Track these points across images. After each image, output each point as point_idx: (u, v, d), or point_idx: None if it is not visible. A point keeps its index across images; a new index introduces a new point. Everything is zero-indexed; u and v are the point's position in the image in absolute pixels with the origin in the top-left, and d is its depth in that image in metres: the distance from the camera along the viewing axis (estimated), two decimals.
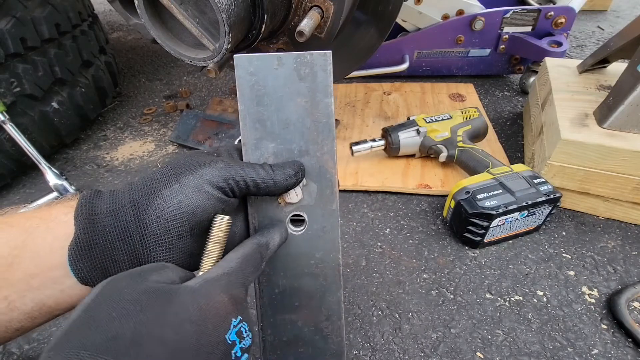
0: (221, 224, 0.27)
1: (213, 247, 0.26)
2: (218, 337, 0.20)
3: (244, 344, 0.22)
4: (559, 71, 0.76)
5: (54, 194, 0.72)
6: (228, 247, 0.33)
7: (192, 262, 0.28)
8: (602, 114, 0.60)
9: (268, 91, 0.30)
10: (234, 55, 0.30)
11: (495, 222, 0.55)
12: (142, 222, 0.25)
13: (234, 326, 0.21)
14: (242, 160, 0.31)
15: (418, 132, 0.72)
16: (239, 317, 0.22)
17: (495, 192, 0.56)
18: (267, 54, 0.30)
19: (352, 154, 0.73)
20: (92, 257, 0.25)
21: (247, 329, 0.23)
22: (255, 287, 0.34)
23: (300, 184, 0.31)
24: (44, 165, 0.72)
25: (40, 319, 0.26)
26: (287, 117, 0.31)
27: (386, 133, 0.73)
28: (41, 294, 0.25)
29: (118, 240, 0.25)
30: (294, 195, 0.31)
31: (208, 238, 0.27)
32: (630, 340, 0.47)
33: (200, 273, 0.25)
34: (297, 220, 0.33)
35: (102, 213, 0.25)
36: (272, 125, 0.31)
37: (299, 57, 0.30)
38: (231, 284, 0.23)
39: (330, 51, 0.30)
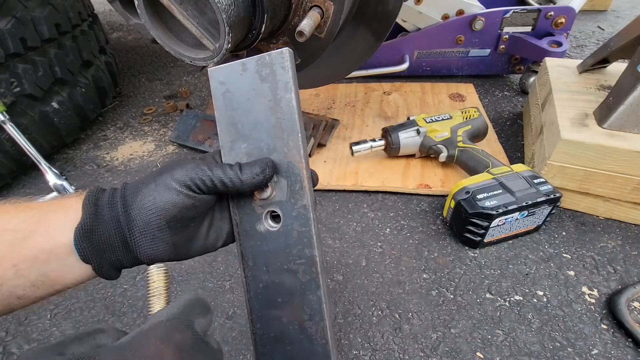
0: (152, 275, 0.30)
1: (153, 300, 0.29)
2: None
3: None
4: (559, 71, 0.76)
5: (54, 194, 0.72)
6: (217, 244, 0.35)
7: (177, 253, 0.31)
8: (602, 114, 0.60)
9: (236, 96, 0.33)
10: (208, 69, 0.32)
11: (495, 222, 0.55)
12: (129, 215, 0.29)
13: None
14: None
15: (418, 132, 0.72)
16: None
17: (495, 192, 0.56)
18: (233, 62, 0.32)
19: (352, 154, 0.73)
20: (93, 239, 0.28)
21: None
22: (242, 281, 0.35)
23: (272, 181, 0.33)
24: (44, 165, 0.72)
25: (42, 290, 0.29)
26: (255, 118, 0.32)
27: (386, 133, 0.73)
28: (47, 266, 0.28)
29: (113, 228, 0.29)
30: (265, 192, 0.33)
31: (147, 292, 0.29)
32: (630, 340, 0.47)
33: None
34: (275, 216, 0.34)
35: (103, 205, 0.30)
36: (243, 127, 0.33)
37: (260, 60, 0.31)
38: (173, 329, 0.22)
39: (287, 49, 0.31)
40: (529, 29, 0.95)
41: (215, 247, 0.35)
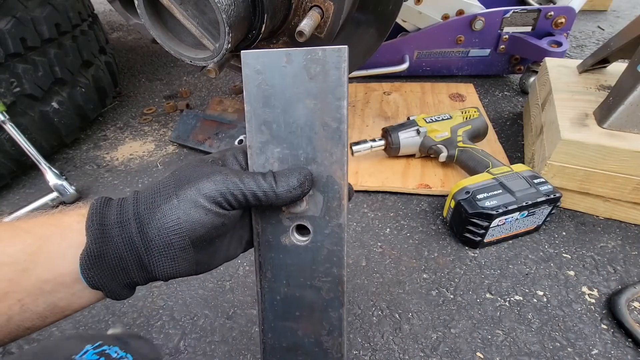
0: None
1: None
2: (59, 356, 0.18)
3: None
4: (559, 71, 0.76)
5: (54, 194, 0.72)
6: (237, 253, 0.33)
7: (199, 269, 0.29)
8: (602, 114, 0.60)
9: (275, 91, 0.28)
10: (242, 52, 0.28)
11: (495, 222, 0.55)
12: (146, 235, 0.26)
13: (94, 347, 0.19)
14: (247, 163, 0.31)
15: (418, 132, 0.72)
16: (99, 342, 0.20)
17: (495, 192, 0.56)
18: (276, 49, 0.28)
19: (352, 154, 0.73)
20: (102, 265, 0.26)
21: (118, 350, 0.20)
22: (257, 291, 0.34)
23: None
24: (44, 165, 0.72)
25: (52, 319, 0.26)
26: (295, 120, 0.28)
27: (386, 133, 0.73)
28: (53, 297, 0.25)
29: (125, 250, 0.26)
30: (298, 205, 0.30)
31: None
32: (630, 340, 0.47)
33: None
34: (302, 228, 0.31)
35: (111, 224, 0.26)
36: (279, 129, 0.29)
37: (310, 54, 0.27)
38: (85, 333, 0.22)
39: (346, 47, 0.27)
40: (529, 29, 0.95)
41: (235, 256, 0.33)
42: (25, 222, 0.27)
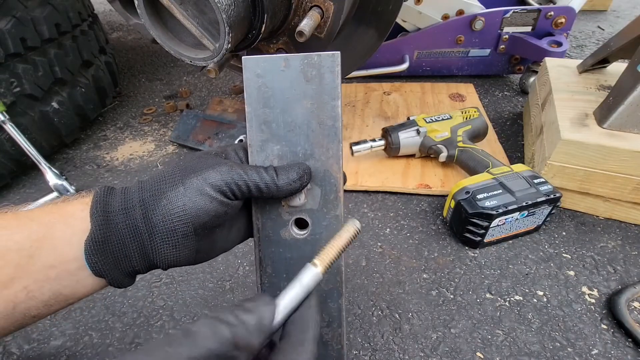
0: (351, 229, 0.27)
1: (334, 246, 0.26)
2: None
3: None
4: (559, 71, 0.76)
5: (54, 194, 0.72)
6: (234, 244, 0.33)
7: (198, 258, 0.30)
8: (602, 114, 0.60)
9: (275, 93, 0.30)
10: (242, 57, 0.30)
11: (495, 222, 0.55)
12: (150, 221, 0.26)
13: None
14: (247, 160, 0.32)
15: (418, 132, 0.72)
16: None
17: (495, 192, 0.56)
18: (275, 55, 0.30)
19: (352, 154, 0.73)
20: (106, 251, 0.26)
21: None
22: (257, 287, 0.34)
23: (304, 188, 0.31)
24: (44, 165, 0.72)
25: (56, 306, 0.27)
26: (293, 120, 0.30)
27: (386, 133, 0.73)
28: (58, 284, 0.26)
29: (129, 236, 0.27)
30: (297, 199, 0.31)
31: (336, 236, 0.26)
32: (630, 340, 0.47)
33: (314, 264, 0.25)
34: (301, 222, 0.33)
35: (115, 211, 0.27)
36: (278, 128, 0.31)
37: (306, 59, 0.29)
38: None
39: (339, 52, 0.30)
40: (529, 29, 0.95)
41: (232, 247, 0.34)
42: (30, 211, 0.27)
